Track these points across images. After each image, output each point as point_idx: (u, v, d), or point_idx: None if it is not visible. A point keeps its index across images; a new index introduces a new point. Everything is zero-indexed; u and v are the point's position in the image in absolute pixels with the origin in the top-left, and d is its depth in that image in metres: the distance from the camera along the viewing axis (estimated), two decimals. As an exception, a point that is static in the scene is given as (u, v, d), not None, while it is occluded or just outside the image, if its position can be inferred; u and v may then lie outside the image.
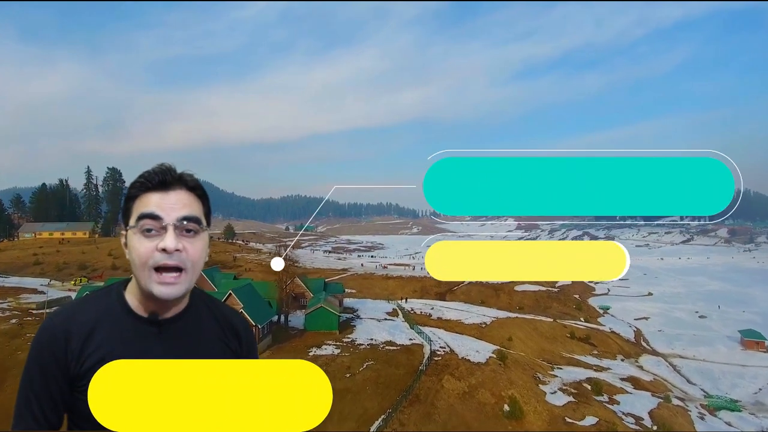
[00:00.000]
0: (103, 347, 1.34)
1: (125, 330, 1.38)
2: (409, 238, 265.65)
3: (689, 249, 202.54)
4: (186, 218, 1.33)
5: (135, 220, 1.32)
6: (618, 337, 61.72)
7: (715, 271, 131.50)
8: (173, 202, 1.34)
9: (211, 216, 1.45)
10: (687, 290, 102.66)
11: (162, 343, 1.38)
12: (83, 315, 1.38)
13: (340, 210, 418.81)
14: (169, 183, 1.36)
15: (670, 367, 52.17)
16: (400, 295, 73.36)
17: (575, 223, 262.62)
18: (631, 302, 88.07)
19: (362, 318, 45.89)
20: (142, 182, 1.35)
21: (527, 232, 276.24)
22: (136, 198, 1.35)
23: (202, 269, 1.38)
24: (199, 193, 1.41)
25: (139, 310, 1.40)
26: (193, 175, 1.41)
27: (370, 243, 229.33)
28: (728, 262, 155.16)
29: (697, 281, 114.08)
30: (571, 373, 40.82)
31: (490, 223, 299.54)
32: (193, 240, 1.34)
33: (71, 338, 1.34)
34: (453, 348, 37.64)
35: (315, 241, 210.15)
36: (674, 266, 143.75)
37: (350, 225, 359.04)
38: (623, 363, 50.92)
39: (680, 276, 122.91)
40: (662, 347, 60.18)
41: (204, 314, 1.50)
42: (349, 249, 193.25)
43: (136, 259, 1.30)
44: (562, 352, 49.80)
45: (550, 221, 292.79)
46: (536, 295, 79.42)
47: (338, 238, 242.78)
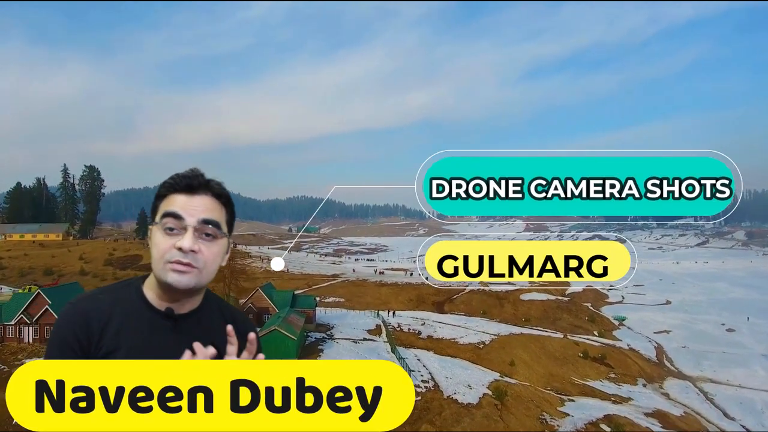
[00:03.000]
0: (119, 335, 1.40)
1: (142, 321, 1.44)
2: (415, 240, 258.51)
3: (705, 252, 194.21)
4: (206, 222, 1.42)
5: (159, 218, 1.42)
6: (637, 356, 54.19)
7: (736, 277, 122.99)
8: (197, 205, 1.42)
9: (234, 224, 1.53)
10: (708, 298, 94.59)
11: (176, 336, 1.44)
12: (102, 303, 1.45)
13: (346, 211, 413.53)
14: (196, 187, 1.44)
15: (701, 395, 44.58)
16: (393, 305, 66.41)
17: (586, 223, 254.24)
18: (649, 312, 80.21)
19: (336, 338, 38.88)
20: (171, 183, 1.45)
21: (536, 234, 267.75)
22: (164, 197, 1.45)
23: (215, 272, 1.45)
24: (223, 201, 1.49)
25: (156, 303, 1.46)
26: (221, 183, 1.49)
27: (374, 245, 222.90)
28: (748, 266, 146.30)
29: (718, 288, 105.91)
30: (585, 408, 33.70)
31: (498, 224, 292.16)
32: (210, 244, 1.42)
33: (92, 321, 1.40)
34: (439, 381, 30.60)
35: (317, 243, 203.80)
36: (691, 271, 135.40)
37: (356, 226, 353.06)
38: (646, 390, 43.54)
39: (699, 282, 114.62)
40: (689, 368, 52.50)
41: (215, 314, 1.55)
42: (351, 251, 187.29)
43: (155, 253, 1.41)
44: (574, 378, 42.50)
45: (560, 222, 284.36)
46: (544, 305, 71.68)
47: (341, 240, 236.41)
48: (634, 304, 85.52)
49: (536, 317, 66.90)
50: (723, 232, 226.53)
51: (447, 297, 71.62)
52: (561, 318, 68.23)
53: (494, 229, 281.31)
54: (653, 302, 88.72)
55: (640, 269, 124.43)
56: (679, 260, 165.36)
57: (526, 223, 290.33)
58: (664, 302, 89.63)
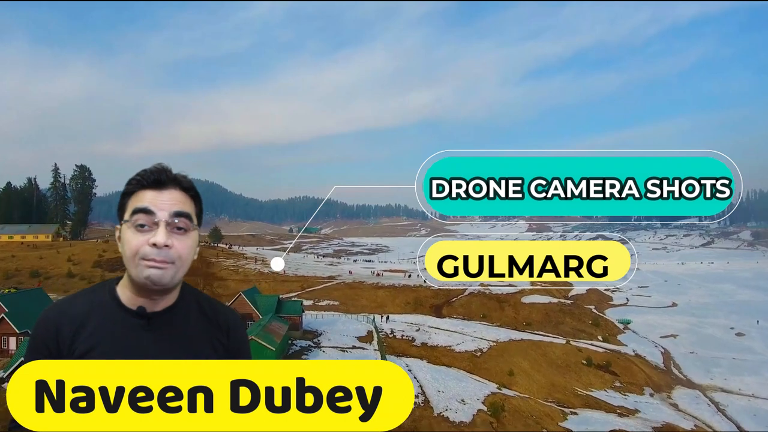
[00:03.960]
0: (92, 338, 1.38)
1: (114, 322, 1.42)
2: (416, 240, 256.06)
3: (710, 252, 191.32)
4: (178, 214, 1.40)
5: (129, 215, 1.39)
6: (644, 363, 51.68)
7: (743, 278, 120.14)
8: (166, 200, 1.40)
9: (202, 216, 1.52)
10: (715, 300, 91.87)
11: (150, 335, 1.42)
12: (75, 307, 1.44)
13: (348, 211, 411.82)
14: (164, 182, 1.42)
15: (712, 405, 41.95)
16: (389, 308, 64.11)
17: (589, 223, 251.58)
18: (654, 315, 77.48)
19: (323, 346, 36.56)
20: (138, 179, 1.42)
21: (539, 234, 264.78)
22: (131, 194, 1.42)
23: (189, 266, 1.44)
24: (192, 194, 1.48)
25: (130, 303, 1.44)
26: (187, 176, 1.48)
27: (375, 245, 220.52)
28: (754, 267, 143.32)
29: (724, 290, 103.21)
30: (589, 423, 31.35)
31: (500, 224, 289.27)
32: (183, 238, 1.40)
33: (62, 329, 1.39)
34: (429, 396, 28.29)
35: (317, 244, 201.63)
36: (696, 272, 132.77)
37: (357, 227, 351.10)
38: (654, 401, 41.03)
39: (705, 283, 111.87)
40: (698, 376, 49.87)
41: (193, 309, 1.52)
42: (351, 252, 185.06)
43: (128, 252, 1.37)
44: (578, 388, 40.04)
45: (563, 223, 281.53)
46: (546, 308, 69.05)
47: (342, 240, 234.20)
48: (639, 306, 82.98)
49: (538, 321, 64.39)
50: (728, 233, 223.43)
51: (445, 300, 69.14)
52: (564, 322, 65.68)
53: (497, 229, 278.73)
54: (659, 304, 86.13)
55: (645, 270, 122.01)
56: (684, 261, 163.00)
57: (529, 223, 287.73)
58: (670, 304, 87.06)
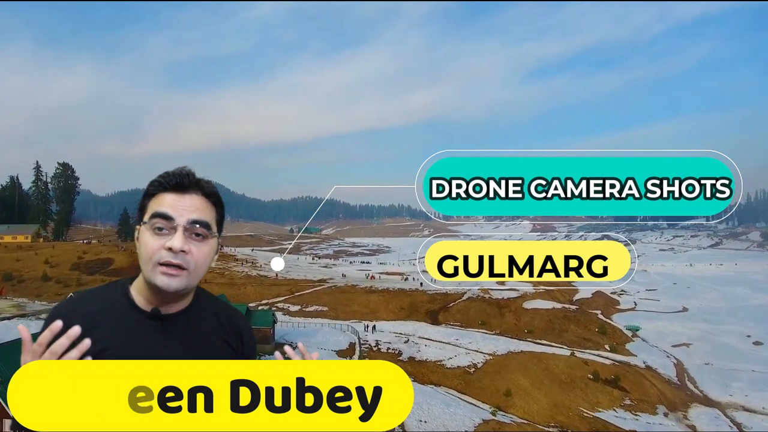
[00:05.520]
0: (105, 338, 1.36)
1: (128, 322, 1.41)
2: (419, 241, 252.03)
3: (719, 253, 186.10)
4: (196, 222, 1.38)
5: (148, 218, 1.38)
6: (656, 376, 47.39)
7: (755, 281, 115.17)
8: (187, 205, 1.39)
9: (223, 224, 1.50)
10: (728, 305, 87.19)
11: (163, 337, 1.41)
12: (87, 306, 1.41)
13: (351, 211, 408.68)
14: (186, 186, 1.41)
15: (733, 427, 37.76)
16: (382, 314, 60.09)
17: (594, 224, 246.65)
18: (665, 321, 72.92)
19: (295, 363, 32.44)
20: (160, 182, 1.41)
21: (543, 234, 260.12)
22: (152, 196, 1.41)
23: (205, 273, 1.43)
24: (213, 201, 1.46)
25: (143, 304, 1.43)
26: (211, 182, 1.46)
27: (376, 246, 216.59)
28: (766, 269, 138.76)
29: (737, 293, 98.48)
30: (596, 453, 27.20)
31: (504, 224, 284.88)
32: (200, 244, 1.39)
33: (74, 324, 1.34)
34: (409, 429, 24.07)
35: (317, 244, 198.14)
36: (706, 274, 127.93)
37: (360, 227, 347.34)
38: (668, 421, 36.98)
39: (716, 286, 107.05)
40: (716, 391, 45.53)
41: (206, 312, 1.52)
42: (351, 252, 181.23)
43: (144, 254, 1.37)
44: (583, 408, 35.91)
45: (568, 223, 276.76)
46: (549, 315, 64.50)
47: (343, 241, 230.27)
48: (648, 311, 78.46)
49: (540, 329, 59.95)
50: (737, 233, 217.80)
51: (442, 305, 64.83)
52: (568, 329, 61.22)
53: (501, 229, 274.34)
54: (668, 309, 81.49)
55: (652, 272, 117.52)
56: (693, 262, 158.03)
57: (533, 223, 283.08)
58: (681, 309, 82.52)
